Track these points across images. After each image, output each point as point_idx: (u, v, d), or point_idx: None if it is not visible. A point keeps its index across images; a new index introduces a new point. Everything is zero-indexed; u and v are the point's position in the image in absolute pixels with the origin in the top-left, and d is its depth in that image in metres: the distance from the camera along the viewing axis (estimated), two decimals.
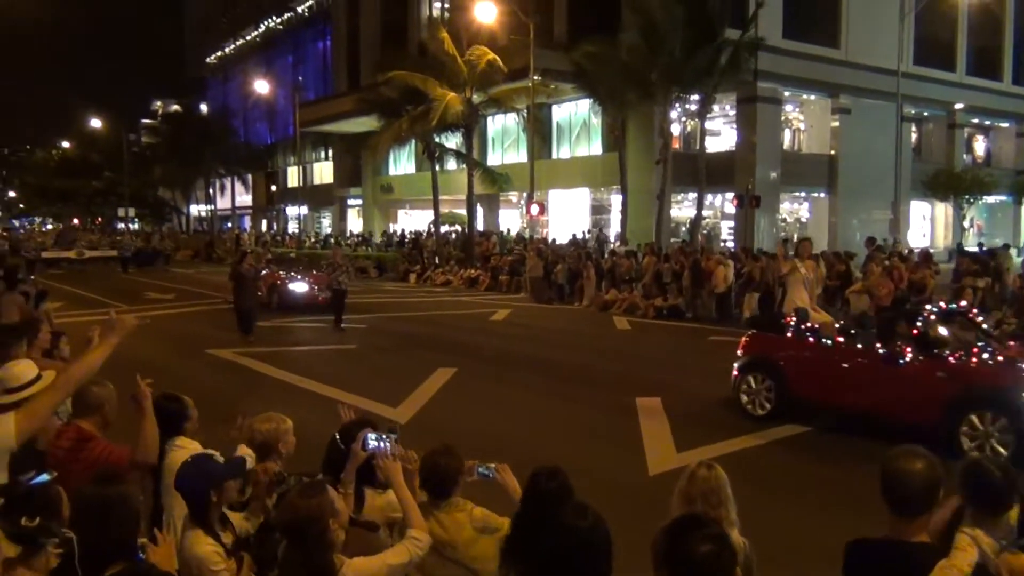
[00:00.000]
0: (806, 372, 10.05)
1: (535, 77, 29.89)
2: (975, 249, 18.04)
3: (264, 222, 65.15)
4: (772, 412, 10.10)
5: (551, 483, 3.40)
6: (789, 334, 10.47)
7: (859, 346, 9.92)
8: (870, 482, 2.95)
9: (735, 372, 10.73)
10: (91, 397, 4.41)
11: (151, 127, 71.32)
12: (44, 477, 3.22)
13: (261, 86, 53.97)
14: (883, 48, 32.72)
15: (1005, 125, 46.33)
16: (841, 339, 10.18)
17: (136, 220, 69.26)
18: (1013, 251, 27.35)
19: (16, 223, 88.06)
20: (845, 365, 9.82)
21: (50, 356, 6.23)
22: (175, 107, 73.92)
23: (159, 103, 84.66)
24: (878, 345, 9.61)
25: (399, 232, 44.37)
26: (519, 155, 39.52)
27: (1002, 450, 8.18)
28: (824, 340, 10.16)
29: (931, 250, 26.38)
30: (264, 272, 21.77)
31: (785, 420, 9.96)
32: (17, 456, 4.00)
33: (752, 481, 7.30)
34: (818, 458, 8.77)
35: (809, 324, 10.65)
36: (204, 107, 72.51)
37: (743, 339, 11.16)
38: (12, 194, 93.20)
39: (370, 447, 3.53)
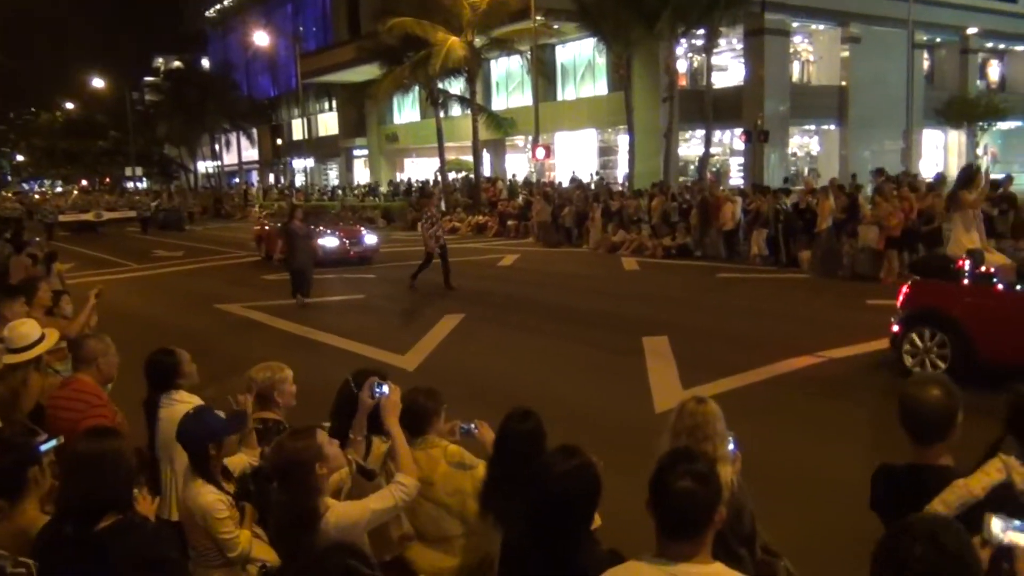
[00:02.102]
0: (997, 327, 8.37)
1: (537, 17, 29.35)
2: (998, 176, 17.70)
3: (271, 176, 64.96)
4: (947, 374, 8.48)
5: (524, 424, 3.39)
6: (966, 280, 8.82)
7: None
8: (874, 415, 2.95)
9: (895, 327, 9.24)
10: (85, 350, 4.48)
11: (154, 85, 70.57)
12: (52, 443, 3.26)
13: (261, 38, 53.29)
14: None
15: (1020, 48, 45.27)
16: None
17: (144, 179, 69.23)
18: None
19: (26, 186, 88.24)
20: None
21: (51, 315, 6.28)
22: (176, 63, 73.11)
23: (160, 60, 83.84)
24: None
25: (406, 181, 44.16)
26: (524, 98, 39.02)
27: None
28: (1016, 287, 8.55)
29: (943, 174, 26.01)
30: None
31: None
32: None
33: (756, 416, 7.32)
34: (824, 392, 8.75)
35: (986, 268, 9.03)
36: (205, 62, 71.77)
37: (903, 288, 9.53)
38: (20, 158, 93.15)
39: (377, 394, 3.56)
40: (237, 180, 67.33)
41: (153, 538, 2.82)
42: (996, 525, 2.04)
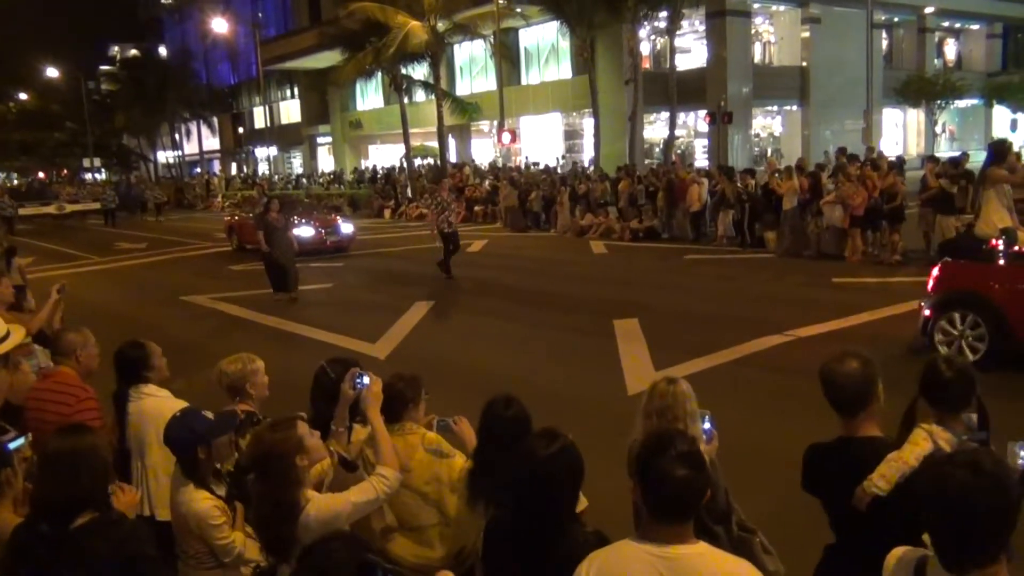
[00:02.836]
0: None
1: (500, 0, 29.20)
2: (955, 154, 18.15)
3: (233, 165, 64.10)
4: (983, 360, 8.02)
5: (508, 411, 3.38)
6: (1001, 261, 8.53)
7: None
8: None
9: (926, 311, 8.81)
10: (64, 343, 4.44)
11: (110, 74, 69.20)
12: (20, 441, 3.19)
13: (219, 24, 52.46)
14: None
15: (975, 27, 46.00)
16: None
17: (102, 170, 67.91)
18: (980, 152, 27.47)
19: None
20: None
21: (14, 310, 6.16)
22: (133, 51, 71.76)
23: (116, 48, 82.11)
24: None
25: (371, 168, 43.86)
26: (488, 82, 38.89)
27: None
28: None
29: (904, 157, 26.40)
30: None
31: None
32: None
33: (727, 395, 7.41)
34: (792, 371, 8.85)
35: (1021, 247, 8.81)
36: (163, 50, 70.49)
37: (934, 270, 9.06)
38: None
39: (358, 385, 3.55)
40: (199, 170, 66.30)
41: (130, 536, 2.78)
42: (1019, 450, 2.26)
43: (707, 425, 3.49)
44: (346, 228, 21.87)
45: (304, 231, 20.37)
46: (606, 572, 2.33)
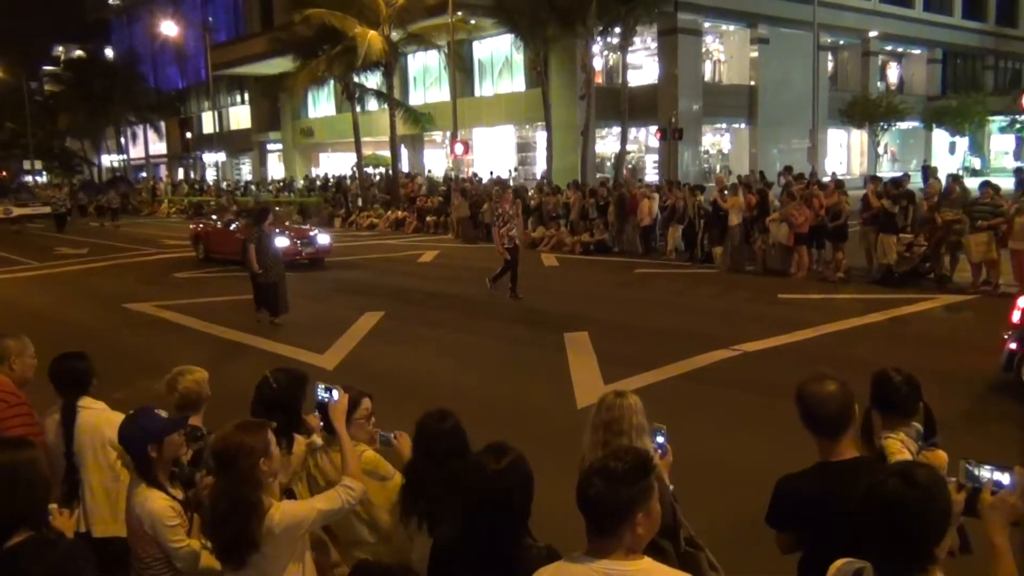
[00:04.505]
0: None
1: (455, 12, 29.24)
2: (897, 174, 18.80)
3: (180, 170, 62.95)
4: None
5: (444, 424, 3.37)
6: None
7: None
8: (791, 406, 3.00)
9: (1011, 345, 8.13)
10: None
11: (53, 74, 67.43)
12: None
13: (168, 28, 51.62)
14: None
15: (917, 52, 47.44)
16: None
17: (43, 172, 66.16)
18: (917, 173, 28.32)
19: None
20: None
21: None
22: (78, 52, 70.02)
23: (60, 48, 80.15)
24: None
25: (322, 176, 43.46)
26: (442, 93, 38.87)
27: None
28: None
29: (848, 176, 27.04)
30: (233, 227, 20.22)
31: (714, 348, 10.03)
32: None
33: (675, 409, 7.47)
34: (739, 385, 8.99)
35: None
36: (109, 52, 69.02)
37: (1019, 301, 8.42)
38: None
39: (325, 398, 3.53)
40: (144, 174, 65.04)
41: (67, 556, 2.68)
42: (967, 470, 2.31)
43: (660, 439, 3.51)
44: (322, 239, 20.29)
45: (279, 242, 19.75)
46: None
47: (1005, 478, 2.26)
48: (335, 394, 3.52)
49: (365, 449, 3.68)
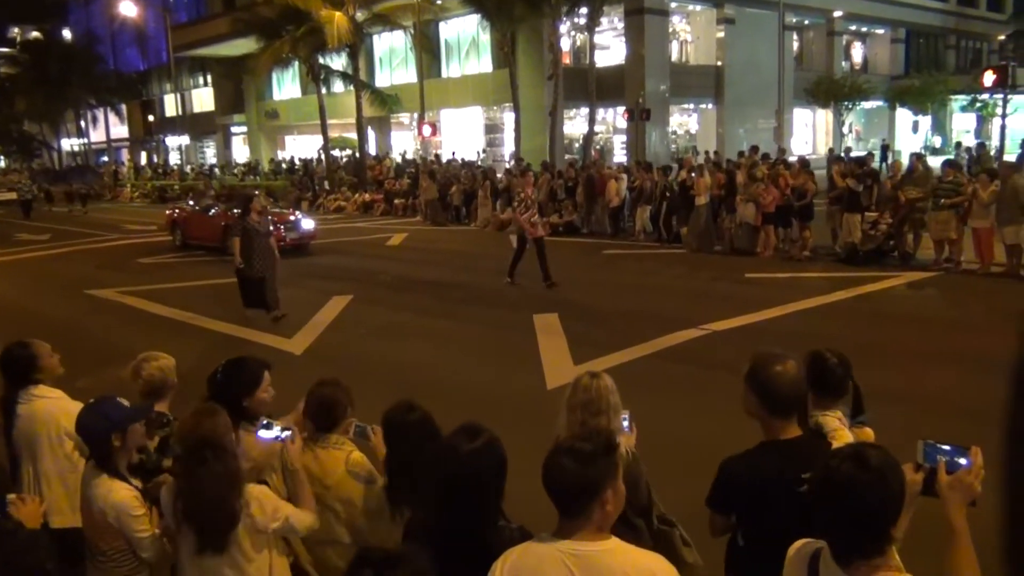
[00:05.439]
0: None
1: None
2: (860, 154, 18.92)
3: (143, 154, 61.86)
4: None
5: (411, 415, 3.33)
6: None
7: None
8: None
9: None
10: None
11: (9, 56, 65.79)
12: None
13: (127, 8, 50.50)
14: None
15: (880, 31, 47.85)
16: None
17: (1, 157, 64.69)
18: (877, 152, 28.62)
19: None
20: None
21: None
22: (35, 34, 68.35)
23: (16, 29, 78.27)
24: None
25: (288, 159, 42.95)
26: (408, 74, 38.53)
27: None
28: None
29: (813, 156, 27.27)
30: (213, 212, 19.69)
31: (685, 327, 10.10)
32: None
33: (645, 389, 7.49)
34: (708, 364, 9.04)
35: None
36: (67, 33, 67.46)
37: None
38: None
39: (280, 439, 3.38)
40: (106, 159, 63.82)
41: (27, 547, 2.63)
42: (925, 450, 2.32)
43: (624, 422, 3.52)
44: (306, 224, 19.48)
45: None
46: (518, 569, 2.33)
47: (963, 458, 2.25)
48: (285, 434, 3.36)
49: (352, 450, 3.60)
